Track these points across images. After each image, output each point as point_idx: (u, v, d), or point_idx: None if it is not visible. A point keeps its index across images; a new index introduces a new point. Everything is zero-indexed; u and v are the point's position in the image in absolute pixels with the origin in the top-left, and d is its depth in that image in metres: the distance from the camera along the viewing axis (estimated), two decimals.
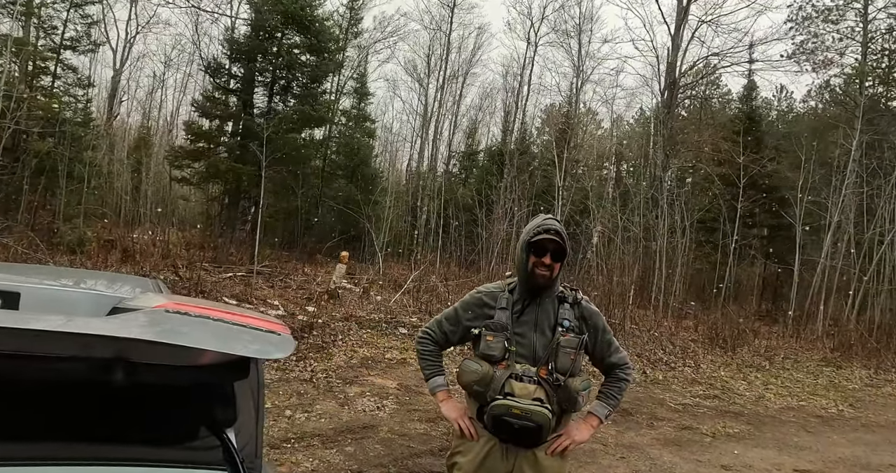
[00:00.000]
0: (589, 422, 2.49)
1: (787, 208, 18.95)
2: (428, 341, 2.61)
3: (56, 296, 1.76)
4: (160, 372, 1.14)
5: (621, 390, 2.53)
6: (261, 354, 1.15)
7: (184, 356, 1.09)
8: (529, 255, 2.40)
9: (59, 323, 1.00)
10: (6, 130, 13.23)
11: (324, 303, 11.28)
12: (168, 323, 1.15)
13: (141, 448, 1.22)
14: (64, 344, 1.02)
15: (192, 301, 1.39)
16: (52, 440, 1.16)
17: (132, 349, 1.05)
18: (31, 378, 1.10)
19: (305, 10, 16.69)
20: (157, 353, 1.09)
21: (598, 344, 2.48)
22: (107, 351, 1.05)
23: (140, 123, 32.81)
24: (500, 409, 2.28)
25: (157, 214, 18.53)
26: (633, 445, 5.78)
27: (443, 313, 2.64)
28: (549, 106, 33.16)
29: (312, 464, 4.46)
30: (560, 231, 2.39)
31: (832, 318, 16.09)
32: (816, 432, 7.07)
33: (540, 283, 2.40)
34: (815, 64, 22.65)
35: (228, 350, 1.09)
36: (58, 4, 19.49)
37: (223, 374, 1.24)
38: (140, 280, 2.71)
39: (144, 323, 1.11)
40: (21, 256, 11.37)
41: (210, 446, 1.28)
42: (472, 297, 2.55)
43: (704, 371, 9.97)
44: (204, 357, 1.14)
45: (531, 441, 2.34)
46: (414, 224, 24.52)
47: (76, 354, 1.05)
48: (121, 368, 1.05)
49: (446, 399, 2.57)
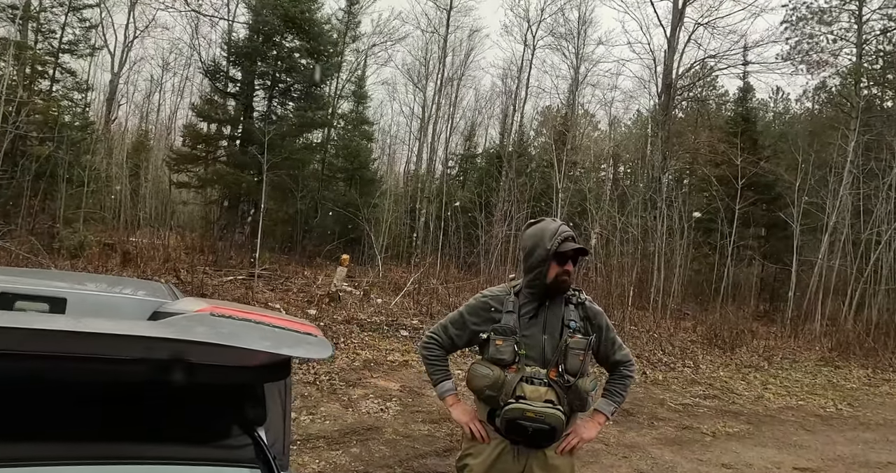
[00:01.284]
0: (595, 420, 2.53)
1: (785, 209, 19.04)
2: (434, 346, 2.61)
3: (99, 301, 1.81)
4: (216, 372, 1.20)
5: (626, 387, 2.57)
6: (307, 354, 1.21)
7: (238, 357, 1.16)
8: (552, 264, 2.41)
9: (125, 326, 1.06)
10: (6, 135, 13.27)
11: (325, 306, 11.33)
12: (219, 326, 1.20)
13: (177, 446, 1.27)
14: (128, 346, 1.08)
15: (231, 305, 1.45)
16: (91, 440, 1.21)
17: (192, 351, 1.11)
18: (87, 380, 1.16)
19: (304, 14, 16.74)
20: (213, 354, 1.15)
21: (602, 343, 2.52)
22: (166, 353, 1.11)
23: (138, 127, 32.84)
24: (514, 413, 2.30)
25: (156, 218, 18.56)
26: (634, 445, 5.84)
27: (448, 317, 2.65)
28: (547, 108, 33.30)
29: (319, 466, 4.51)
30: (575, 236, 2.45)
31: (830, 318, 16.17)
32: (815, 431, 7.14)
33: (563, 289, 2.44)
34: (810, 65, 22.84)
35: (280, 351, 1.15)
36: (56, 8, 19.56)
37: (269, 374, 1.30)
38: (153, 284, 2.77)
39: (199, 327, 1.16)
40: (22, 261, 11.41)
41: (242, 444, 1.34)
42: (478, 301, 2.56)
43: (704, 371, 10.04)
44: (257, 358, 1.20)
45: (544, 443, 2.38)
46: (413, 226, 24.58)
47: (141, 356, 1.10)
48: (180, 369, 1.11)
49: (456, 403, 2.58)
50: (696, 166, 22.47)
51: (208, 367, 1.18)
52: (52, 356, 1.06)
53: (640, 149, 24.09)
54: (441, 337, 2.59)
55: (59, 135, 15.83)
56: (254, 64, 17.05)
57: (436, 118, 29.07)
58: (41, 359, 1.06)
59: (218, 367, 1.20)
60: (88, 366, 1.10)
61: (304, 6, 16.92)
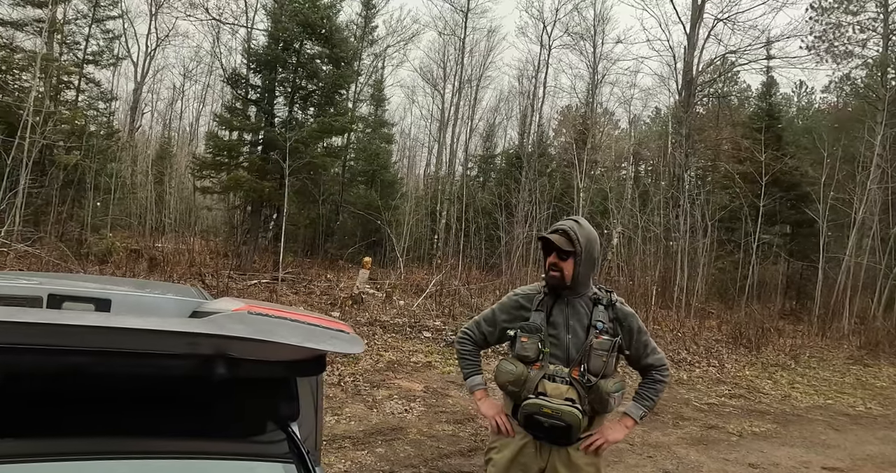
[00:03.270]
0: (623, 423, 2.53)
1: (811, 205, 18.75)
2: (467, 341, 2.70)
3: (141, 301, 1.89)
4: (255, 367, 1.25)
5: (657, 391, 2.55)
6: (341, 349, 1.26)
7: (277, 352, 1.21)
8: (545, 256, 2.52)
9: (171, 323, 1.11)
10: (35, 145, 13.60)
11: (348, 308, 11.42)
12: (257, 323, 1.26)
13: (212, 442, 1.32)
14: (174, 342, 1.13)
15: (266, 304, 1.50)
16: (128, 435, 1.27)
17: (233, 346, 1.16)
18: (133, 375, 1.22)
19: (324, 20, 16.88)
20: (253, 350, 1.20)
21: (633, 345, 2.52)
22: (209, 349, 1.16)
23: (161, 134, 33.38)
24: (532, 408, 2.37)
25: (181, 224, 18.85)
26: (659, 444, 5.81)
27: (481, 314, 2.73)
28: (566, 108, 33.19)
29: (345, 465, 4.57)
30: (568, 230, 2.43)
31: (858, 316, 15.90)
32: (844, 430, 7.04)
33: (552, 283, 2.48)
34: (836, 56, 22.47)
35: (315, 345, 1.20)
36: (80, 20, 20.01)
37: (305, 369, 1.35)
38: (183, 287, 2.86)
39: (239, 324, 1.21)
40: (53, 267, 11.66)
41: (276, 439, 1.39)
42: (510, 299, 2.63)
43: (729, 370, 9.94)
44: (294, 352, 1.25)
45: (562, 440, 2.41)
46: (434, 228, 24.64)
47: (186, 351, 1.16)
48: (223, 364, 1.16)
49: (484, 397, 2.65)
50: (719, 163, 22.22)
51: (249, 362, 1.23)
52: (100, 351, 1.12)
53: (662, 147, 23.88)
54: (474, 333, 2.69)
55: (86, 143, 16.18)
56: (274, 71, 17.22)
57: (455, 120, 29.15)
58: (90, 355, 1.11)
59: (257, 362, 1.25)
60: (135, 361, 1.16)
61: (323, 13, 17.06)
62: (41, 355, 1.06)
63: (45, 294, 1.74)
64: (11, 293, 1.75)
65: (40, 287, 1.79)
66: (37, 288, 1.77)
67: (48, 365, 1.08)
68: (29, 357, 1.06)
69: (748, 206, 18.42)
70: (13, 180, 12.98)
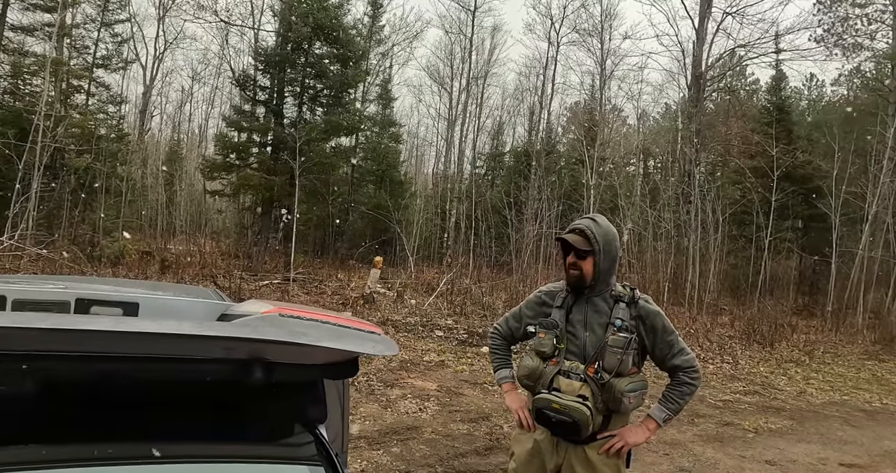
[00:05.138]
0: (645, 425, 2.49)
1: (823, 199, 18.60)
2: (497, 336, 2.79)
3: (168, 305, 1.89)
4: (292, 370, 1.25)
5: (683, 394, 2.45)
6: (381, 352, 1.25)
7: (312, 355, 1.20)
8: (563, 255, 2.53)
9: (209, 327, 1.11)
10: (46, 149, 13.70)
11: (359, 308, 11.44)
12: (290, 326, 1.26)
13: (240, 445, 1.32)
14: (209, 347, 1.13)
15: (295, 306, 1.50)
16: (157, 439, 1.27)
17: (269, 350, 1.16)
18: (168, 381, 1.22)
19: (333, 20, 16.91)
20: (290, 353, 1.20)
21: (657, 344, 2.47)
22: (244, 353, 1.16)
23: (171, 137, 33.56)
24: (541, 402, 2.39)
25: (192, 225, 18.95)
26: (675, 442, 5.79)
27: (511, 310, 2.80)
28: (575, 104, 33.09)
29: (361, 465, 4.58)
30: (585, 229, 2.43)
31: (872, 310, 15.78)
32: (861, 426, 6.98)
33: (572, 282, 2.48)
34: (845, 49, 22.25)
35: (354, 348, 1.20)
36: (89, 24, 20.13)
37: (339, 371, 1.35)
38: (201, 289, 2.87)
39: (273, 326, 1.21)
40: (65, 269, 11.74)
41: (304, 442, 1.38)
42: (535, 296, 2.68)
43: (743, 367, 9.88)
44: (331, 355, 1.25)
45: (573, 436, 2.39)
46: (443, 227, 24.64)
47: (222, 356, 1.16)
48: (259, 367, 1.16)
49: (510, 390, 2.70)
50: (730, 158, 22.06)
51: (284, 365, 1.23)
52: (138, 357, 1.12)
53: (671, 142, 23.75)
54: (503, 329, 2.77)
55: (96, 147, 16.28)
56: (282, 71, 17.27)
57: (463, 118, 29.13)
58: (127, 361, 1.12)
59: (293, 365, 1.25)
60: (173, 367, 1.16)
61: (332, 13, 17.09)
62: (78, 362, 1.07)
63: (72, 298, 1.75)
64: (40, 298, 1.76)
65: (67, 291, 1.79)
66: (64, 293, 1.78)
67: (85, 371, 1.09)
68: (67, 363, 1.07)
69: (759, 201, 18.28)
70: (26, 184, 13.08)
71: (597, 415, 2.36)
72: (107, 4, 20.27)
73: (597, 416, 2.36)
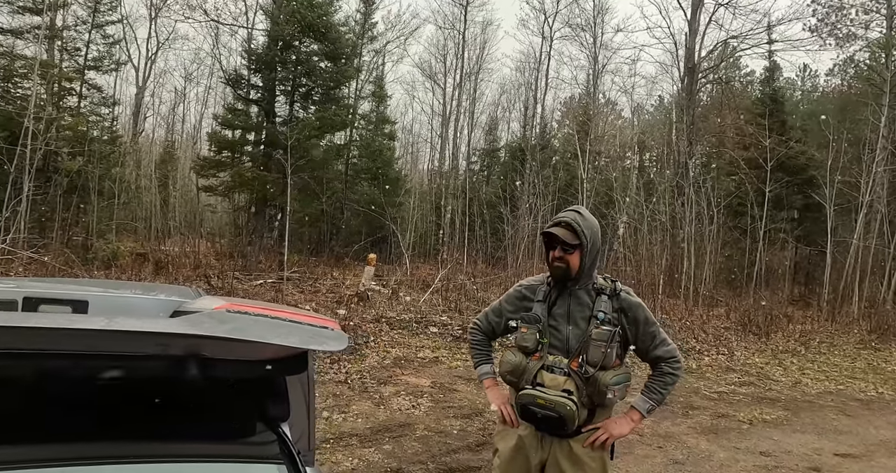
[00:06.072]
0: (629, 416, 2.47)
1: (817, 189, 18.59)
2: (477, 331, 2.76)
3: (119, 302, 1.85)
4: (229, 367, 1.23)
5: (665, 384, 2.46)
6: (320, 346, 1.22)
7: (251, 351, 1.18)
8: (547, 248, 2.48)
9: (135, 323, 1.08)
10: (38, 151, 13.63)
11: (354, 306, 11.41)
12: (234, 321, 1.23)
13: (201, 444, 1.30)
14: (142, 342, 1.10)
15: (249, 302, 1.47)
16: (115, 439, 1.24)
17: (205, 346, 1.13)
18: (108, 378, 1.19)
19: (322, 18, 16.85)
20: (226, 349, 1.17)
21: (640, 336, 2.45)
22: (180, 349, 1.13)
23: (164, 138, 33.43)
24: (526, 398, 2.36)
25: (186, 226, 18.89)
26: (669, 434, 5.78)
27: (491, 305, 2.76)
28: (569, 99, 33.05)
29: (352, 463, 4.56)
30: (572, 222, 2.39)
31: (868, 300, 15.78)
32: (856, 416, 6.98)
33: (557, 275, 2.44)
34: (839, 38, 22.22)
35: (291, 343, 1.16)
36: (80, 26, 20.00)
37: (284, 368, 1.32)
38: (181, 288, 2.82)
39: (213, 322, 1.18)
40: (58, 272, 11.70)
41: (266, 441, 1.36)
42: (515, 290, 2.64)
43: (738, 358, 9.89)
44: (268, 351, 1.22)
45: (559, 431, 2.38)
46: (438, 223, 24.61)
47: (156, 352, 1.13)
48: (195, 364, 1.14)
49: (492, 386, 2.67)
50: (724, 150, 22.05)
51: (223, 362, 1.20)
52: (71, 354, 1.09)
53: (665, 135, 23.72)
54: (483, 324, 2.74)
55: (89, 149, 16.21)
56: (274, 70, 17.21)
57: (457, 114, 29.07)
58: (62, 358, 1.09)
59: (233, 361, 1.22)
60: (107, 364, 1.13)
61: (321, 11, 17.02)
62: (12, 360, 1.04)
63: (20, 297, 1.71)
64: None
65: (15, 290, 1.76)
66: (11, 292, 1.74)
67: (21, 369, 1.06)
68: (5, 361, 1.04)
69: (754, 192, 18.28)
70: (17, 187, 13.01)
71: (582, 410, 2.34)
72: (98, 6, 20.12)
73: (582, 410, 2.34)
